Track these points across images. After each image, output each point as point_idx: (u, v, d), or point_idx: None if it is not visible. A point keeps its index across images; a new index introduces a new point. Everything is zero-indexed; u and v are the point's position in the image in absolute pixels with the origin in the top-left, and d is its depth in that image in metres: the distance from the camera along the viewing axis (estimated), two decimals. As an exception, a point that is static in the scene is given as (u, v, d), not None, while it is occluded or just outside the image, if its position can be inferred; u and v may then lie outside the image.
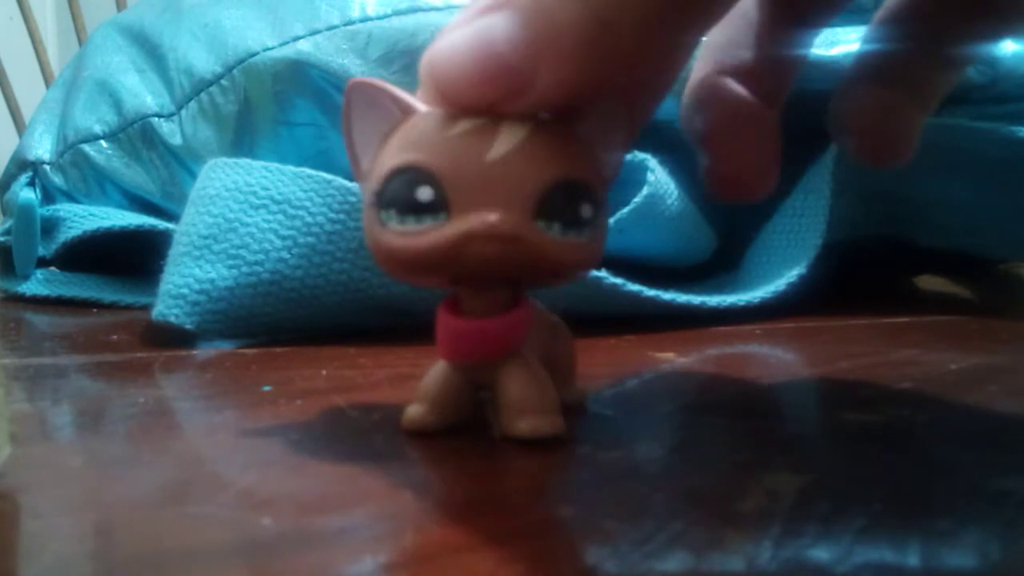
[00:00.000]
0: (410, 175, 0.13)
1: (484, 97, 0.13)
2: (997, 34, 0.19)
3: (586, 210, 0.14)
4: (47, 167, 0.41)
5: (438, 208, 0.13)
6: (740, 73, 0.18)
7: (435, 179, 0.13)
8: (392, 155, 0.14)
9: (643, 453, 0.14)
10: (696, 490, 0.12)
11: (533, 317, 0.15)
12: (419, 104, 0.14)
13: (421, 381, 0.15)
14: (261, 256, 0.25)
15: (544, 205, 0.13)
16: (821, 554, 0.10)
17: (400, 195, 0.13)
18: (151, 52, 0.41)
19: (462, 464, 0.14)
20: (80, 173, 0.40)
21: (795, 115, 0.19)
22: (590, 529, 0.11)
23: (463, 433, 0.15)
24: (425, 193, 0.13)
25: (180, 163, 0.39)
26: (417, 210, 0.13)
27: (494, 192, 0.13)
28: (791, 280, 0.30)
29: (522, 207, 0.13)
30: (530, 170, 0.13)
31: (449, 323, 0.15)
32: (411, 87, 0.14)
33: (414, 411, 0.15)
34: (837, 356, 0.22)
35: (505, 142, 0.13)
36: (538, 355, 0.15)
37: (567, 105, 0.14)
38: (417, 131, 0.14)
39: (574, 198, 0.14)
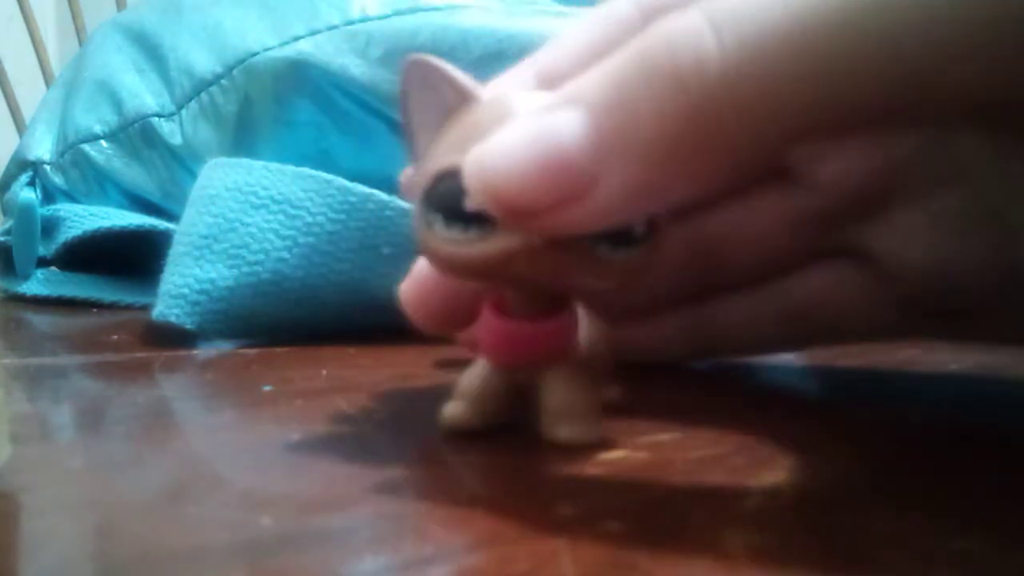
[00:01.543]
0: (459, 181, 0.13)
1: (540, 201, 0.12)
2: None
3: (638, 226, 0.13)
4: (47, 167, 0.41)
5: (485, 218, 0.13)
6: None
7: None
8: (443, 152, 0.13)
9: (643, 452, 0.14)
10: (697, 489, 0.12)
11: (577, 318, 0.15)
12: (476, 88, 0.14)
13: (460, 378, 0.15)
14: (261, 256, 0.25)
15: None
16: (822, 554, 0.10)
17: (447, 201, 0.13)
18: (151, 52, 0.41)
19: (462, 464, 0.14)
20: (80, 173, 0.40)
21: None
22: (591, 529, 0.11)
23: (463, 434, 0.15)
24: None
25: (180, 163, 0.39)
26: (464, 219, 0.13)
27: None
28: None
29: None
30: None
31: (497, 326, 0.14)
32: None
33: (455, 409, 0.15)
34: (837, 356, 0.22)
35: None
36: (581, 356, 0.15)
37: (621, 222, 0.13)
38: (469, 128, 0.13)
39: None
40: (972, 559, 0.10)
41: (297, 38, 0.36)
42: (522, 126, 0.12)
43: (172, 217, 0.35)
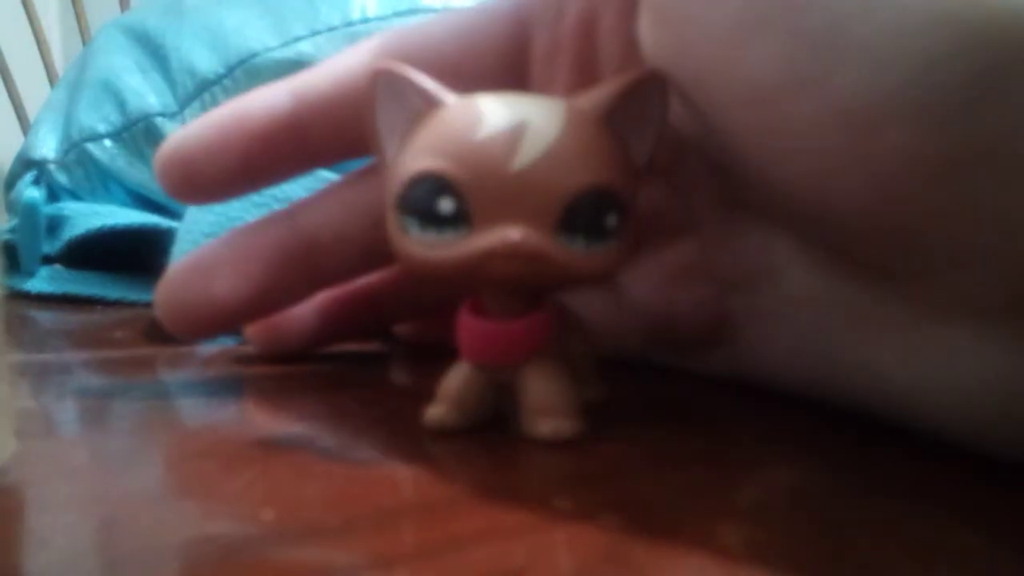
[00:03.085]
0: (432, 184, 0.13)
1: None
2: None
3: (611, 220, 0.13)
4: (52, 166, 0.41)
5: (460, 220, 0.13)
6: None
7: (457, 190, 0.13)
8: (415, 157, 0.13)
9: (641, 447, 0.14)
10: (693, 483, 0.13)
11: (556, 316, 0.15)
12: (445, 94, 0.14)
13: (442, 381, 0.15)
14: (264, 254, 0.25)
15: (568, 218, 0.13)
16: (819, 548, 0.10)
17: (421, 205, 0.13)
18: (154, 52, 0.41)
19: (462, 459, 0.14)
20: (84, 172, 0.40)
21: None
22: (589, 523, 0.11)
23: (463, 430, 0.15)
24: (447, 205, 0.13)
25: (183, 162, 0.39)
26: (439, 221, 0.13)
27: (518, 205, 0.13)
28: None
29: (546, 221, 0.13)
30: (555, 180, 0.13)
31: (472, 325, 0.14)
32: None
33: (436, 411, 0.15)
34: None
35: (531, 149, 0.13)
36: (560, 354, 0.15)
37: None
38: (441, 132, 0.13)
39: (599, 208, 0.13)
40: (970, 555, 0.10)
41: (298, 39, 0.36)
42: None
43: (175, 215, 0.35)
